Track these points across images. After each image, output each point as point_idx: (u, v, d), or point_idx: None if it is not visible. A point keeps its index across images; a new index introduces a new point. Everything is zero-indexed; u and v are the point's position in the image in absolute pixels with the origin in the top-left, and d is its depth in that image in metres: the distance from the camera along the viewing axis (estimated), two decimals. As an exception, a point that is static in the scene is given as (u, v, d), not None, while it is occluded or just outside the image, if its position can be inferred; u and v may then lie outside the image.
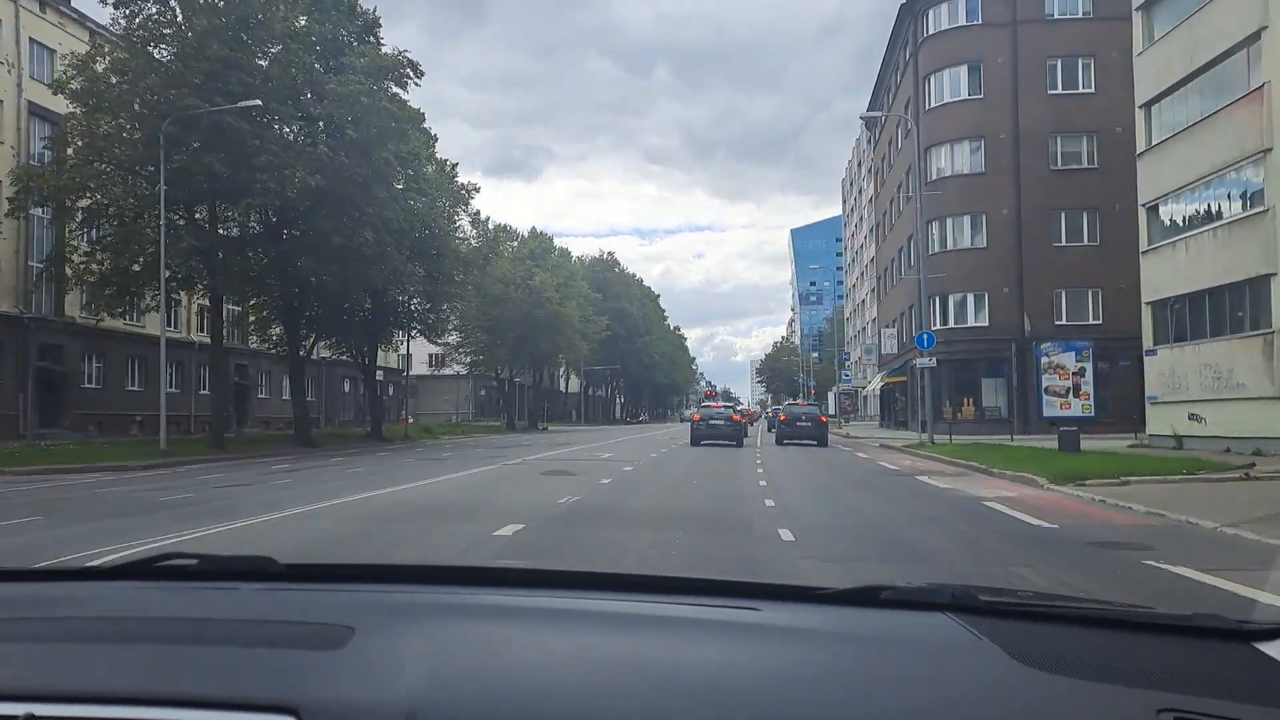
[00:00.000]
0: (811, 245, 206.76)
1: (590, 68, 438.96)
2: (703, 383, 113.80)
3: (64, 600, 1.65)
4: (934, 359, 30.12)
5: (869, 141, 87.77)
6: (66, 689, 1.22)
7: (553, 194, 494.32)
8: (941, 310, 42.52)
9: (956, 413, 39.63)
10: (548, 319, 65.29)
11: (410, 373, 78.95)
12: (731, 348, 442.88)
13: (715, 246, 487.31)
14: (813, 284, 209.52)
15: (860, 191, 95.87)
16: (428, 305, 45.22)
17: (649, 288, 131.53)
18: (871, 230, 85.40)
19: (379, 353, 48.78)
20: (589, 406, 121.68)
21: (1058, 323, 40.55)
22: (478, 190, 44.43)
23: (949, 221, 42.36)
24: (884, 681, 1.30)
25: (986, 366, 40.58)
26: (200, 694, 1.19)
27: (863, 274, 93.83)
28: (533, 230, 73.78)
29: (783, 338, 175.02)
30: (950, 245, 42.40)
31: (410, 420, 79.84)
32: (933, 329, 42.49)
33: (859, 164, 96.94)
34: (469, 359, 67.54)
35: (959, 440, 29.93)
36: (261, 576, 1.72)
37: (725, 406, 39.00)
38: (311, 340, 41.37)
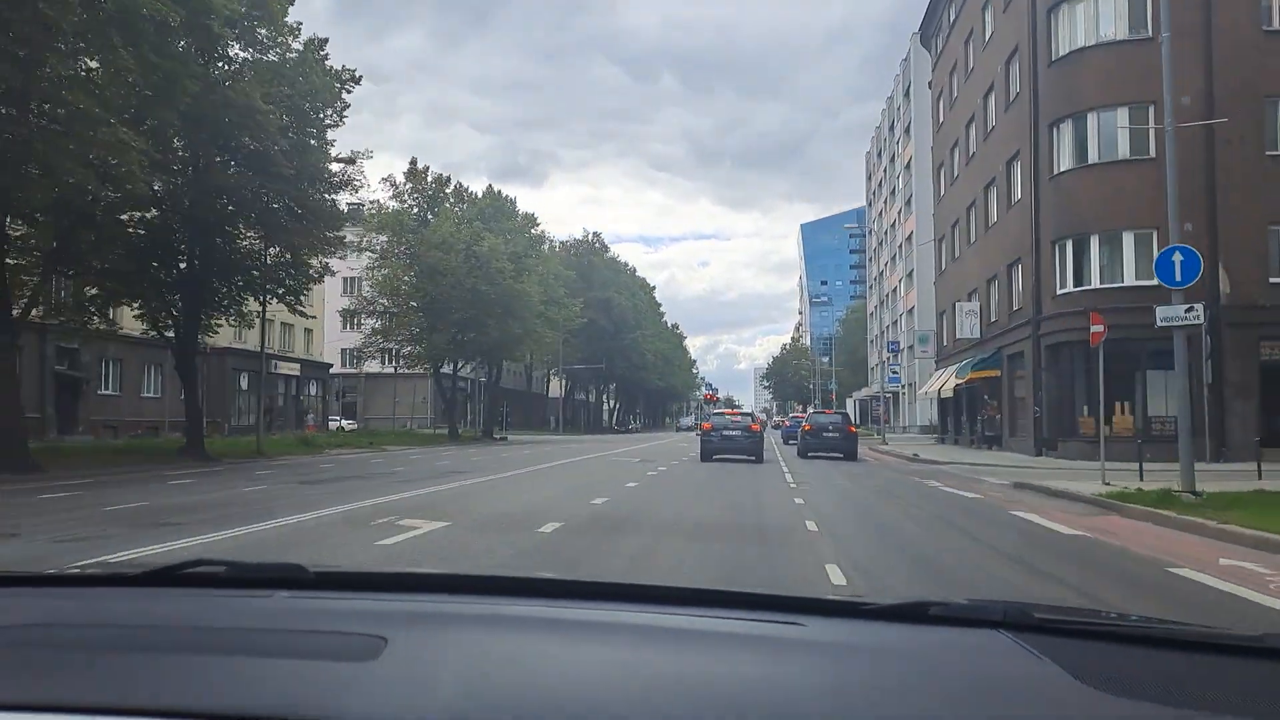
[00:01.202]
0: (823, 242, 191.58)
1: (596, 74, 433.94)
2: (703, 387, 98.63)
3: (91, 608, 1.61)
4: (1197, 310, 14.17)
5: (905, 93, 72.44)
6: (94, 701, 1.17)
7: (557, 200, 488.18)
8: (1075, 262, 27.05)
9: (1104, 424, 23.86)
10: (499, 298, 49.93)
11: (363, 370, 64.95)
12: (735, 356, 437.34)
13: (720, 255, 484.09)
14: (823, 283, 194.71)
15: (893, 159, 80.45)
16: (283, 254, 29.71)
17: (643, 279, 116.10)
18: (909, 201, 70.17)
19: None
20: (574, 413, 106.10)
21: (1275, 280, 25.17)
22: (357, 82, 28.80)
23: (1089, 120, 26.77)
24: (938, 700, 1.25)
25: (1151, 353, 24.42)
26: (234, 707, 1.16)
27: (895, 257, 78.36)
28: (490, 189, 58.41)
29: (791, 340, 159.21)
30: (1091, 158, 26.82)
31: (343, 425, 64.95)
32: (1059, 291, 27.00)
33: (890, 125, 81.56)
34: (396, 347, 52.19)
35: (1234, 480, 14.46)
36: (292, 584, 1.68)
37: (743, 415, 31.37)
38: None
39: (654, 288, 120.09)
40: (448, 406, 54.50)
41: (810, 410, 53.08)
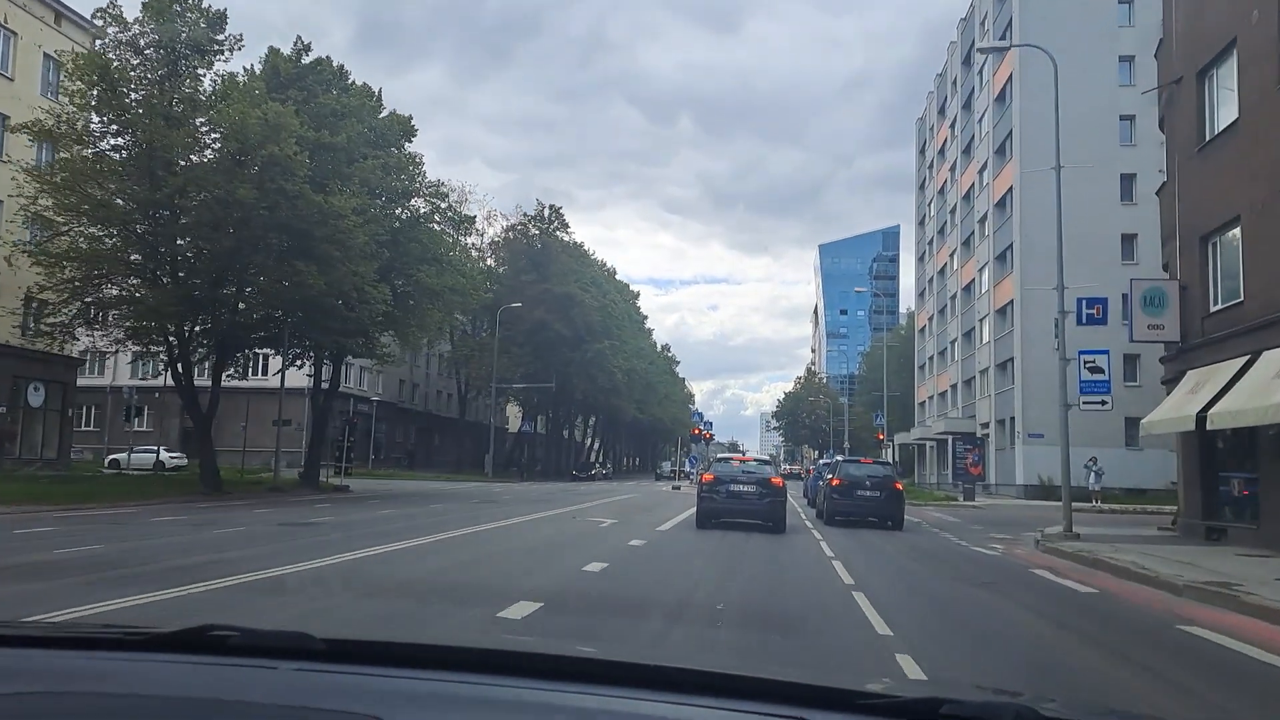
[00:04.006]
0: (844, 265, 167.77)
1: (614, 115, 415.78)
2: (693, 420, 74.74)
3: (95, 674, 1.61)
4: None
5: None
6: None
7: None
8: None
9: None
10: (299, 217, 25.94)
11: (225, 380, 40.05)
12: (742, 401, 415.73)
13: (730, 299, 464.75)
14: (843, 313, 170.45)
15: (970, 98, 56.55)
16: None
17: (623, 281, 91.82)
18: (1006, 143, 46.38)
19: None
20: (538, 450, 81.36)
21: None
22: None
23: None
24: None
25: None
26: None
27: (971, 238, 54.24)
28: (299, 41, 33.93)
29: (805, 372, 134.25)
30: None
31: (163, 460, 40.10)
32: None
33: (965, 56, 57.62)
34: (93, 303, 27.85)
35: None
36: (299, 654, 1.66)
37: (759, 462, 22.24)
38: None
39: (638, 294, 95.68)
40: (200, 430, 29.72)
41: (839, 458, 29.99)
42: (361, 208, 28.05)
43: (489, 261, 71.49)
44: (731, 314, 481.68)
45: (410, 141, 36.95)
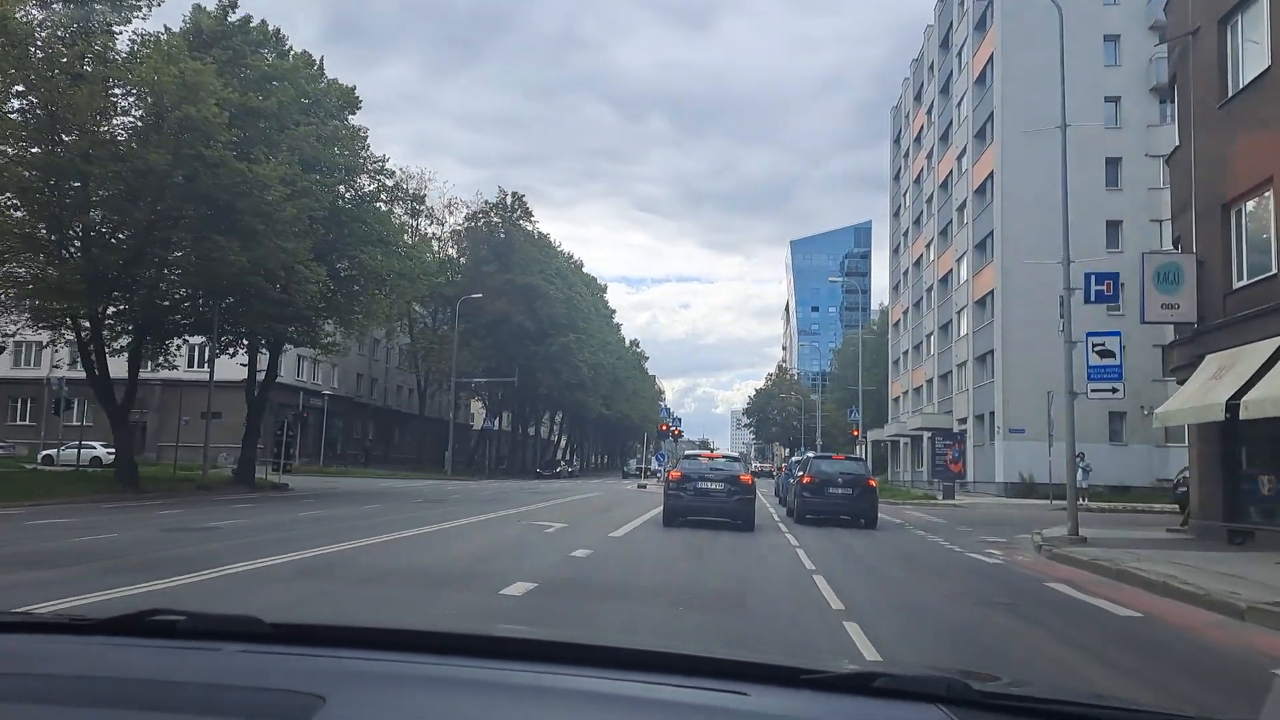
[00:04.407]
0: (816, 261, 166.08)
1: (586, 113, 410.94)
2: (662, 415, 72.46)
3: (44, 656, 1.62)
4: None
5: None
6: None
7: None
8: None
9: None
10: (220, 187, 23.38)
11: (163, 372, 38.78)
12: (713, 400, 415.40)
13: (701, 298, 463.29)
14: (814, 309, 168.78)
15: (948, 82, 54.71)
16: None
17: (590, 275, 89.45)
18: (987, 126, 44.69)
19: None
20: (503, 447, 78.83)
21: None
22: None
23: None
24: None
25: None
26: None
27: (949, 226, 52.41)
28: (264, 27, 31.39)
29: (777, 369, 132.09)
30: None
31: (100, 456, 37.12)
32: None
33: (944, 39, 55.77)
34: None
35: None
36: (246, 636, 1.67)
37: (728, 459, 20.74)
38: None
39: (605, 287, 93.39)
40: (115, 423, 27.00)
41: (810, 455, 28.25)
42: (290, 178, 25.39)
43: (450, 251, 68.94)
44: (703, 313, 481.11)
45: (354, 114, 34.33)
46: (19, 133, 23.99)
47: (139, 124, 24.32)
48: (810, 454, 32.85)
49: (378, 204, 34.80)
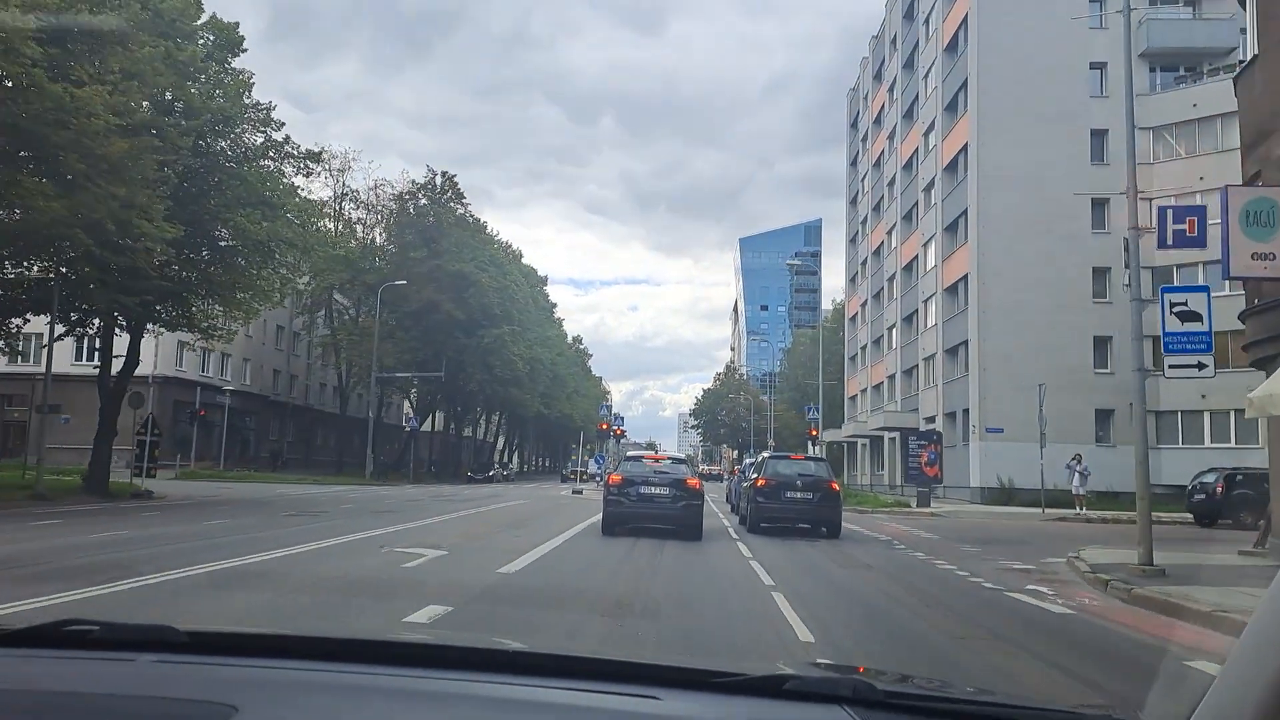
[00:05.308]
0: (765, 260, 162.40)
1: (535, 113, 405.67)
2: (602, 414, 67.89)
3: None
4: None
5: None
6: None
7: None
8: None
9: None
10: (31, 115, 18.11)
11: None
12: (661, 403, 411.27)
13: (650, 300, 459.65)
14: (763, 308, 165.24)
15: (913, 53, 50.66)
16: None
17: (531, 266, 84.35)
18: (958, 98, 40.57)
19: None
20: (435, 449, 73.43)
21: None
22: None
23: None
24: None
25: None
26: None
27: (914, 210, 48.34)
28: None
29: (725, 369, 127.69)
30: None
31: None
32: None
33: (907, 9, 51.70)
34: None
35: None
36: (162, 646, 1.64)
37: (674, 461, 19.58)
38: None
39: (545, 278, 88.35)
40: None
41: (763, 455, 24.06)
42: (123, 107, 20.11)
43: (377, 235, 63.61)
44: (651, 315, 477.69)
45: (236, 56, 29.08)
46: None
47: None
48: (766, 454, 28.44)
49: (265, 162, 29.60)
